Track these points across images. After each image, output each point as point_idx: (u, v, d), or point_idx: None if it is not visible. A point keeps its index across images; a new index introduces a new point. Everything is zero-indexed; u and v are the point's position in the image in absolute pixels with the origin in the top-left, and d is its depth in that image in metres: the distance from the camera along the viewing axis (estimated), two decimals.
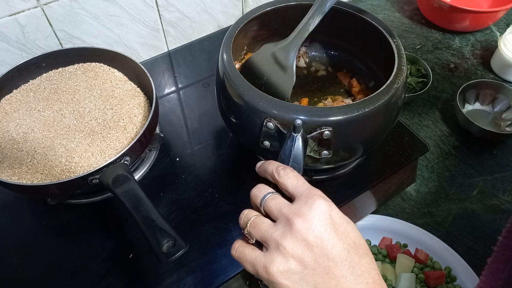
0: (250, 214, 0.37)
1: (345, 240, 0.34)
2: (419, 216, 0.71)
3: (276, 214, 0.35)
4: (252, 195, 0.39)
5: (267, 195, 0.37)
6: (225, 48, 0.55)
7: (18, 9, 0.65)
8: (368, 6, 1.09)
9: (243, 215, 0.38)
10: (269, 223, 0.35)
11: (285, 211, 0.35)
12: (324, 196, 0.36)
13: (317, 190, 0.36)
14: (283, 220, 0.34)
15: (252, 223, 0.36)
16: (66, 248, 0.59)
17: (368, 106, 0.48)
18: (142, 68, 0.64)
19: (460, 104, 0.79)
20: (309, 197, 0.35)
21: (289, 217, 0.34)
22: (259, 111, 0.49)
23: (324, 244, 0.33)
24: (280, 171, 0.38)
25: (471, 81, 0.81)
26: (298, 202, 0.35)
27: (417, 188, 0.74)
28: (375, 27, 0.58)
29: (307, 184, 0.37)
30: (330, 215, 0.34)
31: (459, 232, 0.69)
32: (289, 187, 0.37)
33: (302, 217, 0.34)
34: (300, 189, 0.36)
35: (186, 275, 0.55)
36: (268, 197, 0.37)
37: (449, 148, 0.79)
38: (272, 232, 0.34)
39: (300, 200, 0.35)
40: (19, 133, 0.59)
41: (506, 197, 0.72)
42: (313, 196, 0.35)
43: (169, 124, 0.73)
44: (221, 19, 0.90)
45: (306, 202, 0.35)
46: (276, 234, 0.34)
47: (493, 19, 0.97)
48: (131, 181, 0.52)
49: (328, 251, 0.33)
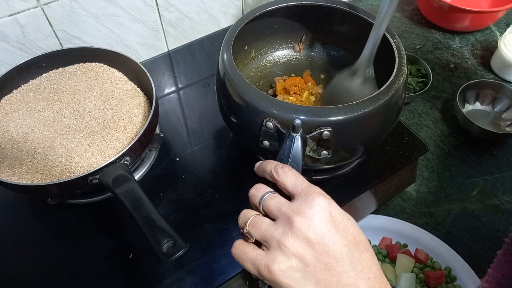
0: (249, 214, 0.37)
1: (346, 236, 0.34)
2: (419, 216, 0.71)
3: (275, 213, 0.35)
4: (251, 195, 0.38)
5: (265, 195, 0.37)
6: (225, 48, 0.55)
7: (18, 9, 0.65)
8: (368, 6, 1.09)
9: (241, 214, 0.38)
10: (268, 222, 0.36)
11: (285, 210, 0.35)
12: (323, 193, 0.36)
13: (316, 187, 0.36)
14: (283, 219, 0.34)
15: (251, 222, 0.36)
16: (66, 248, 0.59)
17: (368, 106, 0.48)
18: (142, 68, 0.64)
19: (460, 104, 0.79)
20: (309, 195, 0.35)
21: (289, 216, 0.34)
22: (259, 110, 0.49)
23: (325, 241, 0.33)
24: (278, 170, 0.38)
25: (471, 81, 0.81)
26: (297, 200, 0.35)
27: (417, 188, 0.74)
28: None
29: (306, 181, 0.37)
30: (330, 212, 0.34)
31: (459, 232, 0.69)
32: (288, 185, 0.37)
33: (302, 215, 0.34)
34: (299, 187, 0.36)
35: (186, 275, 0.55)
36: (267, 196, 0.37)
37: (449, 148, 0.79)
38: (272, 231, 0.34)
39: (299, 198, 0.35)
40: (19, 133, 0.59)
41: (506, 197, 0.72)
42: (312, 193, 0.35)
43: (169, 124, 0.73)
44: (221, 19, 0.90)
45: (306, 200, 0.35)
46: (277, 233, 0.34)
47: (493, 19, 0.97)
48: (131, 181, 0.52)
49: (329, 248, 0.33)
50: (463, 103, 0.82)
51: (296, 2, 0.62)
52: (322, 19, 0.66)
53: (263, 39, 0.69)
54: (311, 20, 0.67)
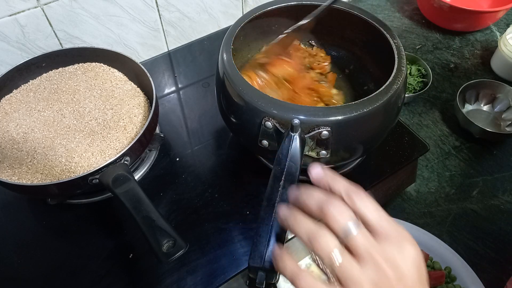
0: (330, 245, 0.32)
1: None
2: (419, 216, 0.71)
3: (362, 253, 0.31)
4: (330, 215, 0.33)
5: (351, 226, 0.32)
6: (225, 48, 0.55)
7: (18, 9, 0.65)
8: (368, 6, 1.09)
9: (320, 240, 0.32)
10: (358, 269, 0.31)
11: (375, 255, 0.31)
12: (413, 240, 0.33)
13: (403, 229, 0.33)
14: (373, 265, 0.31)
15: (340, 268, 0.31)
16: (66, 248, 0.59)
17: (367, 106, 0.48)
18: (142, 68, 0.64)
19: (460, 104, 0.79)
20: (399, 241, 0.32)
21: (379, 263, 0.31)
22: (258, 110, 0.49)
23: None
24: (352, 195, 0.34)
25: (471, 81, 0.81)
26: (387, 244, 0.32)
27: (417, 188, 0.74)
28: (375, 27, 0.58)
29: (389, 218, 0.34)
30: (419, 264, 0.32)
31: (459, 232, 0.69)
32: (370, 219, 0.33)
33: (395, 266, 0.31)
34: (385, 226, 0.33)
35: (186, 275, 0.55)
36: (355, 231, 0.32)
37: (449, 148, 0.79)
38: (359, 277, 0.31)
39: (388, 241, 0.32)
40: (19, 133, 0.60)
41: (506, 197, 0.72)
42: (403, 240, 0.32)
43: (169, 124, 0.73)
44: (221, 19, 0.90)
45: (397, 247, 0.32)
46: (365, 282, 0.31)
47: (493, 19, 0.97)
48: (131, 181, 0.52)
49: None
50: (463, 103, 0.82)
51: (296, 2, 0.62)
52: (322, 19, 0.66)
53: (263, 39, 0.69)
54: (311, 20, 0.67)
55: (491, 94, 0.82)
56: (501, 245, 0.67)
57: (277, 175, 0.44)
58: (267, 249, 0.40)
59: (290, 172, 0.44)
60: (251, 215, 0.60)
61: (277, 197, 0.42)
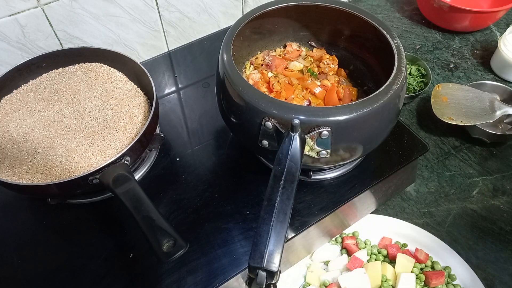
0: None
1: None
2: (419, 216, 0.71)
3: None
4: None
5: None
6: (225, 48, 0.55)
7: (18, 9, 0.65)
8: (368, 6, 1.09)
9: None
10: None
11: None
12: None
13: None
14: None
15: None
16: (66, 248, 0.59)
17: (367, 106, 0.48)
18: (142, 68, 0.64)
19: None
20: None
21: None
22: (259, 110, 0.49)
23: None
24: None
25: (472, 83, 0.81)
26: None
27: (417, 188, 0.74)
28: (375, 27, 0.58)
29: None
30: None
31: (459, 232, 0.69)
32: None
33: None
34: None
35: (186, 275, 0.55)
36: None
37: (449, 148, 0.79)
38: None
39: None
40: (19, 133, 0.60)
41: (506, 197, 0.72)
42: None
43: (169, 124, 0.73)
44: (221, 19, 0.90)
45: None
46: None
47: (493, 19, 0.97)
48: (131, 181, 0.52)
49: None
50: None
51: (296, 2, 0.62)
52: (322, 19, 0.66)
53: (263, 39, 0.69)
54: (311, 20, 0.68)
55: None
56: (501, 245, 0.67)
57: (277, 175, 0.44)
58: (267, 249, 0.40)
59: (290, 172, 0.44)
60: (251, 215, 0.60)
61: (277, 197, 0.42)
